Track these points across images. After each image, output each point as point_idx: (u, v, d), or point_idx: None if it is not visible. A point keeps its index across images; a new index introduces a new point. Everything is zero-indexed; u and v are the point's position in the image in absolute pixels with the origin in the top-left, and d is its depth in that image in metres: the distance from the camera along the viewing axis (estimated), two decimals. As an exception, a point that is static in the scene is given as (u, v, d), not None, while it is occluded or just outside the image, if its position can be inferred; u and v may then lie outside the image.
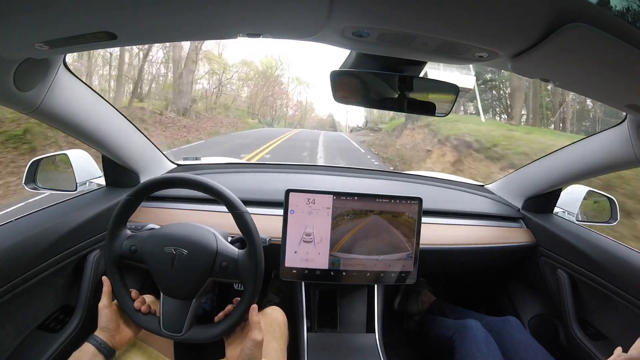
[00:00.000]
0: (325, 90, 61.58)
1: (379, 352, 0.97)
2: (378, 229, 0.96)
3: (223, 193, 0.72)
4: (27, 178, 1.02)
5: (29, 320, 0.79)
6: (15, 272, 0.71)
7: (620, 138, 0.85)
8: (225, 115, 21.28)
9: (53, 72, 0.69)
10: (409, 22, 0.47)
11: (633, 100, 0.63)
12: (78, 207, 0.94)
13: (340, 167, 1.47)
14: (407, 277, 0.98)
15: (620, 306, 0.93)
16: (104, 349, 0.64)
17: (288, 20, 0.50)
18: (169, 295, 0.71)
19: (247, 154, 8.62)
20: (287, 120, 40.01)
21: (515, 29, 0.46)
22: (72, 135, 0.86)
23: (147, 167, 1.14)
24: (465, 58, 0.58)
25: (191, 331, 0.70)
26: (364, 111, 32.15)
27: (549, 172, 1.14)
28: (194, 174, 0.85)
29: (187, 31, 0.54)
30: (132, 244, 0.72)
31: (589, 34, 0.42)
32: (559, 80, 0.62)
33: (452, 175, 1.59)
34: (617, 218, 1.19)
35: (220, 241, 0.72)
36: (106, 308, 0.68)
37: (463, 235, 1.17)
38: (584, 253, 1.03)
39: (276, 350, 0.82)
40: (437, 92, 0.80)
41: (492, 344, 0.96)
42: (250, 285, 0.70)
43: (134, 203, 0.74)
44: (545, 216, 1.23)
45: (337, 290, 1.11)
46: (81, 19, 0.45)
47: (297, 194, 0.94)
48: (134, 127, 1.04)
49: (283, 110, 40.28)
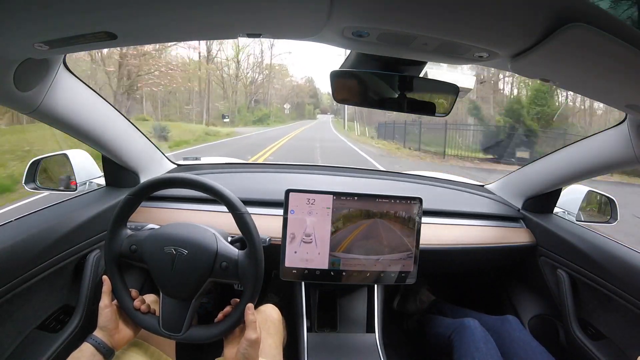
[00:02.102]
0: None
1: (379, 352, 0.97)
2: (378, 229, 0.96)
3: (223, 193, 0.72)
4: (27, 178, 1.02)
5: (29, 320, 0.79)
6: (15, 272, 0.71)
7: (620, 138, 0.85)
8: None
9: (53, 72, 0.69)
10: (409, 22, 0.47)
11: (633, 100, 0.63)
12: (78, 207, 0.94)
13: (340, 167, 1.47)
14: (407, 277, 0.98)
15: (620, 306, 0.93)
16: (102, 348, 0.64)
17: (288, 20, 0.50)
18: (169, 295, 0.71)
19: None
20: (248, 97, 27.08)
21: (515, 29, 0.46)
22: (72, 135, 0.86)
23: (147, 167, 1.14)
24: (465, 58, 0.58)
25: (190, 331, 0.70)
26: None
27: (549, 172, 1.14)
28: (194, 174, 0.85)
29: (187, 31, 0.54)
30: (132, 243, 0.72)
31: (589, 34, 0.42)
32: (559, 80, 0.62)
33: (452, 175, 1.60)
34: (617, 218, 1.19)
35: (220, 242, 0.72)
36: (106, 308, 0.68)
37: (463, 235, 1.17)
38: (584, 253, 1.03)
39: (271, 347, 0.82)
40: (437, 92, 0.80)
41: (491, 343, 0.96)
42: (249, 286, 0.70)
43: (135, 202, 0.74)
44: (545, 216, 1.23)
45: (337, 290, 1.11)
46: (81, 19, 0.46)
47: (297, 194, 0.94)
48: (134, 127, 1.04)
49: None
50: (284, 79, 33.36)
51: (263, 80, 29.19)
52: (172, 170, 1.30)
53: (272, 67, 29.90)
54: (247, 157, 7.44)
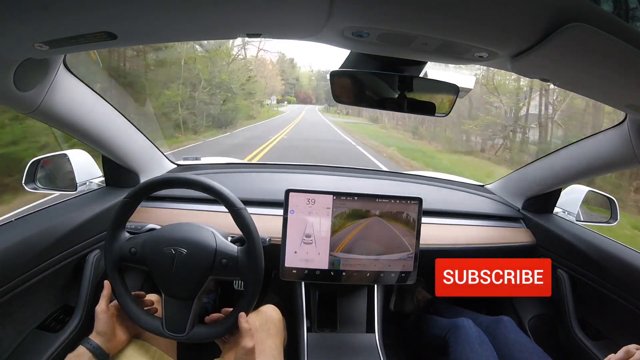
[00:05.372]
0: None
1: (379, 352, 0.97)
2: (378, 229, 0.96)
3: (219, 190, 0.72)
4: (27, 178, 1.01)
5: (29, 320, 0.79)
6: (15, 272, 0.71)
7: (620, 138, 0.85)
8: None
9: (53, 72, 0.69)
10: (409, 23, 0.47)
11: (633, 100, 0.63)
12: (78, 207, 0.94)
13: (340, 167, 1.47)
14: (407, 277, 0.98)
15: (620, 306, 0.93)
16: (98, 353, 0.64)
17: (288, 20, 0.50)
18: (171, 295, 0.71)
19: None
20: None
21: (515, 29, 0.46)
22: (72, 135, 0.86)
23: (147, 167, 1.14)
24: (465, 58, 0.58)
25: (194, 331, 0.70)
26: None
27: (549, 172, 1.14)
28: (193, 174, 0.85)
29: (188, 31, 0.54)
30: (131, 246, 0.72)
31: (589, 34, 0.42)
32: (559, 81, 0.62)
33: (452, 175, 1.60)
34: (617, 218, 1.19)
35: (219, 239, 0.72)
36: (103, 312, 0.68)
37: (463, 235, 1.17)
38: (584, 253, 1.03)
39: (271, 348, 0.82)
40: (437, 92, 0.80)
41: (486, 343, 0.96)
42: (251, 281, 0.70)
43: (132, 205, 0.74)
44: (545, 216, 1.23)
45: (337, 291, 1.11)
46: (81, 19, 0.45)
47: (297, 194, 0.94)
48: (134, 127, 1.04)
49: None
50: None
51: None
52: (172, 170, 1.30)
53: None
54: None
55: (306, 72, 40.76)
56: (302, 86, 39.27)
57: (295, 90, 38.62)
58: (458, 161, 9.17)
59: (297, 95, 38.64)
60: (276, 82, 30.56)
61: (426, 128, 13.45)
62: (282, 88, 32.69)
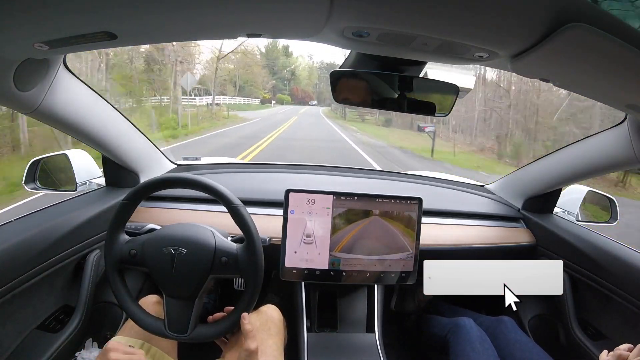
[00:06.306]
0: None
1: (379, 352, 0.96)
2: (378, 229, 0.96)
3: (216, 189, 0.72)
4: (27, 178, 1.01)
5: (29, 320, 0.79)
6: (16, 272, 0.71)
7: (620, 138, 0.85)
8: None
9: (53, 72, 0.69)
10: (409, 22, 0.47)
11: (633, 100, 0.63)
12: (78, 207, 0.94)
13: (340, 167, 1.47)
14: (407, 277, 0.98)
15: (620, 306, 0.93)
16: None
17: (288, 20, 0.50)
18: (172, 296, 0.71)
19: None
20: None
21: (515, 29, 0.46)
22: (72, 135, 0.86)
23: (147, 167, 1.14)
24: (465, 58, 0.58)
25: (196, 331, 0.70)
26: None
27: (549, 172, 1.14)
28: (193, 174, 0.85)
29: (187, 31, 0.54)
30: (131, 247, 0.72)
31: (589, 34, 0.42)
32: (559, 81, 0.62)
33: (452, 176, 1.60)
34: (617, 218, 1.19)
35: (218, 237, 0.72)
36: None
37: (463, 235, 1.17)
38: (584, 253, 1.03)
39: (272, 348, 0.82)
40: (437, 92, 0.80)
41: (487, 343, 0.96)
42: (251, 278, 0.70)
43: (131, 207, 0.74)
44: (545, 216, 1.23)
45: (337, 290, 1.11)
46: (81, 19, 0.45)
47: (297, 194, 0.94)
48: (134, 127, 1.04)
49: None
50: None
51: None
52: (172, 170, 1.30)
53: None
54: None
55: (305, 64, 33.45)
56: (299, 82, 32.74)
57: (291, 87, 32.11)
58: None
59: (293, 94, 31.74)
60: (264, 77, 23.52)
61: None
62: (272, 83, 25.54)
